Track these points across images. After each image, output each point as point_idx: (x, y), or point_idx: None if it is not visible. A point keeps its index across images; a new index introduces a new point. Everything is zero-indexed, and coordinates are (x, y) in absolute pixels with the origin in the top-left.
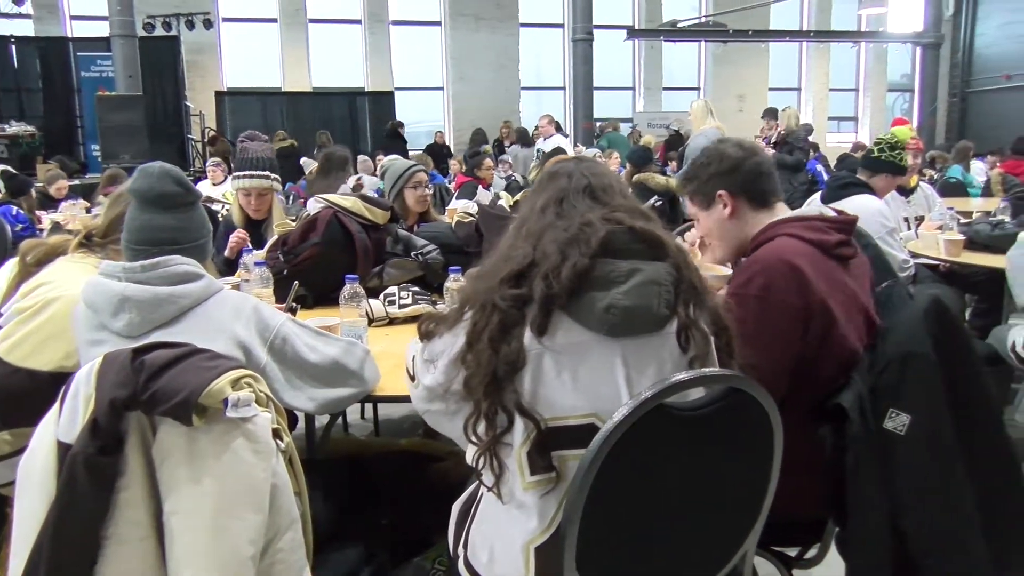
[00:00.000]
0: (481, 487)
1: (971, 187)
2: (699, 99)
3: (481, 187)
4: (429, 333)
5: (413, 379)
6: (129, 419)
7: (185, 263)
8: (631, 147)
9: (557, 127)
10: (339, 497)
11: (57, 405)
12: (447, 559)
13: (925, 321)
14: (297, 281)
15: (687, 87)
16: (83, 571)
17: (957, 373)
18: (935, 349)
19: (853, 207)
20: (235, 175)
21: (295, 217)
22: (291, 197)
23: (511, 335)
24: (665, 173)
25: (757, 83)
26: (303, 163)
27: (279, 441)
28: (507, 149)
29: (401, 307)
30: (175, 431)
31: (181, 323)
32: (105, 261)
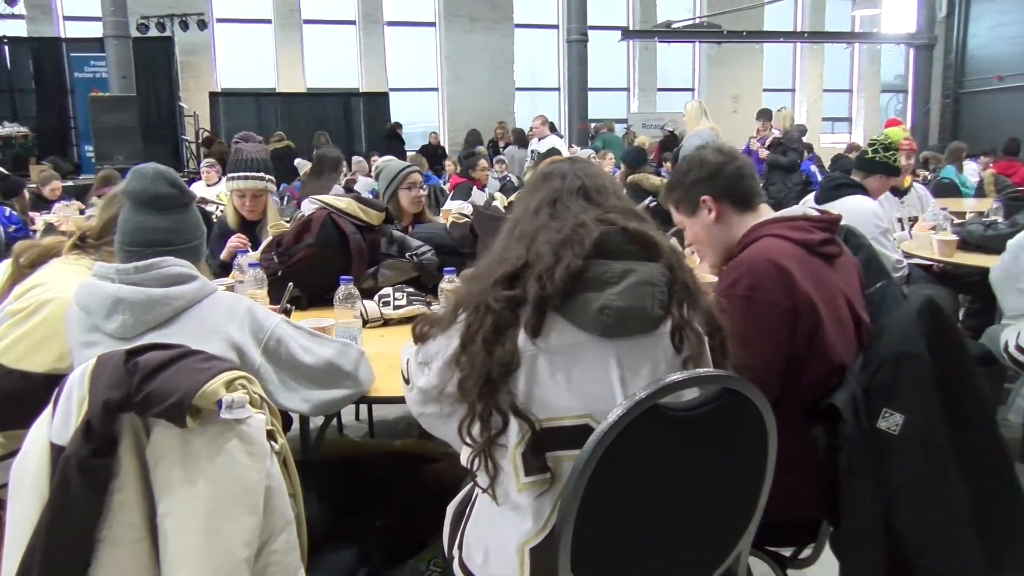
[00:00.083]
0: (476, 488)
1: (964, 188)
2: (693, 100)
3: (476, 188)
4: (423, 335)
5: (408, 382)
6: (123, 421)
7: (179, 264)
8: (626, 148)
9: (551, 128)
10: (334, 498)
11: (50, 407)
12: (442, 560)
13: (919, 321)
14: (291, 282)
15: (681, 88)
16: (77, 573)
17: (950, 373)
18: (928, 349)
19: (847, 208)
20: (229, 176)
21: (289, 218)
22: (285, 198)
23: (505, 336)
24: (660, 174)
25: (751, 84)
26: (297, 164)
27: (273, 443)
28: (503, 150)
29: (396, 308)
30: (169, 433)
31: (175, 325)
32: (98, 263)
